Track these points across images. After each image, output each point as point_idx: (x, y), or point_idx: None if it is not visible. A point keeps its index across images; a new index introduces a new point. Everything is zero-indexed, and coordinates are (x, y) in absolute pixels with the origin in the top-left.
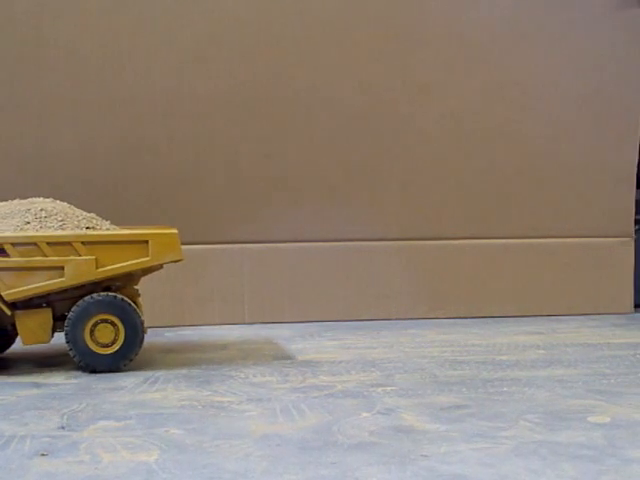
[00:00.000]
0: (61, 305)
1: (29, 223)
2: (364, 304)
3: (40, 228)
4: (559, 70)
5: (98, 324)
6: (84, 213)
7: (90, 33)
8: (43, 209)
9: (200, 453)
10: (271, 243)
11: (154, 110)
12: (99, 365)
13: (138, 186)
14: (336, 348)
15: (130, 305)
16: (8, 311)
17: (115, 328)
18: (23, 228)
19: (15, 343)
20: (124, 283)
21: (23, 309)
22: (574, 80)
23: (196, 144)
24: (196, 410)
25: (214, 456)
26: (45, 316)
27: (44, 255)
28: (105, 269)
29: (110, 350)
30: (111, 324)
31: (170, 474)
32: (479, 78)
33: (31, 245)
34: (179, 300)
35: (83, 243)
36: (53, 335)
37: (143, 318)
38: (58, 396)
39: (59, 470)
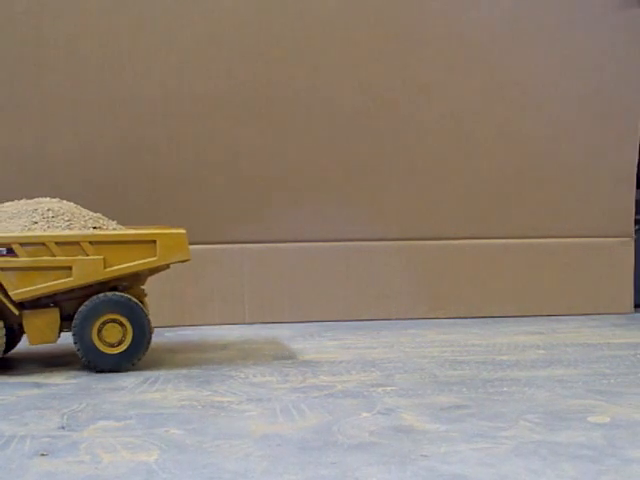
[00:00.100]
0: (68, 305)
1: (37, 223)
2: (364, 304)
3: (48, 228)
4: (559, 70)
5: (106, 324)
6: (90, 213)
7: (90, 33)
8: (50, 209)
9: (200, 453)
10: (271, 243)
11: (154, 110)
12: (106, 364)
13: (138, 186)
14: (336, 348)
15: (138, 305)
16: (16, 311)
17: (123, 328)
18: (31, 228)
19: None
20: (131, 283)
21: (31, 309)
22: (574, 80)
23: (196, 144)
24: (196, 410)
25: (214, 456)
26: (53, 316)
27: (52, 255)
28: (113, 269)
29: (117, 350)
30: (119, 324)
31: (170, 474)
32: (479, 78)
33: (39, 245)
34: (179, 300)
35: (91, 243)
36: (60, 335)
37: (150, 318)
38: (58, 396)
39: (59, 470)
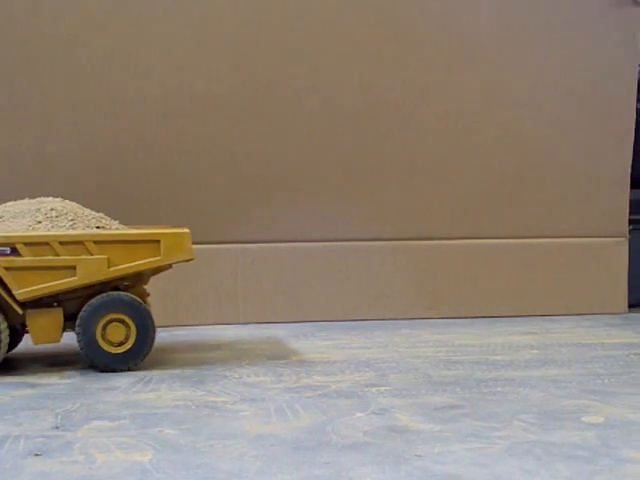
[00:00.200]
0: (70, 304)
1: (40, 222)
2: (359, 304)
3: (51, 227)
4: (559, 70)
5: (110, 323)
6: (93, 213)
7: (90, 33)
8: (53, 208)
9: (194, 453)
10: (266, 243)
11: (154, 110)
12: (109, 364)
13: (137, 186)
14: (330, 348)
15: (142, 305)
16: (20, 310)
17: (127, 327)
18: (35, 227)
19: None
20: (133, 283)
21: (34, 308)
22: (574, 80)
23: (196, 144)
24: (190, 410)
25: (208, 456)
26: (57, 315)
27: (56, 254)
28: (116, 268)
29: (121, 349)
30: (123, 323)
31: (164, 474)
32: (479, 78)
33: (43, 244)
34: (173, 300)
35: (95, 242)
36: (62, 335)
37: (153, 317)
38: (52, 396)
39: (53, 470)
